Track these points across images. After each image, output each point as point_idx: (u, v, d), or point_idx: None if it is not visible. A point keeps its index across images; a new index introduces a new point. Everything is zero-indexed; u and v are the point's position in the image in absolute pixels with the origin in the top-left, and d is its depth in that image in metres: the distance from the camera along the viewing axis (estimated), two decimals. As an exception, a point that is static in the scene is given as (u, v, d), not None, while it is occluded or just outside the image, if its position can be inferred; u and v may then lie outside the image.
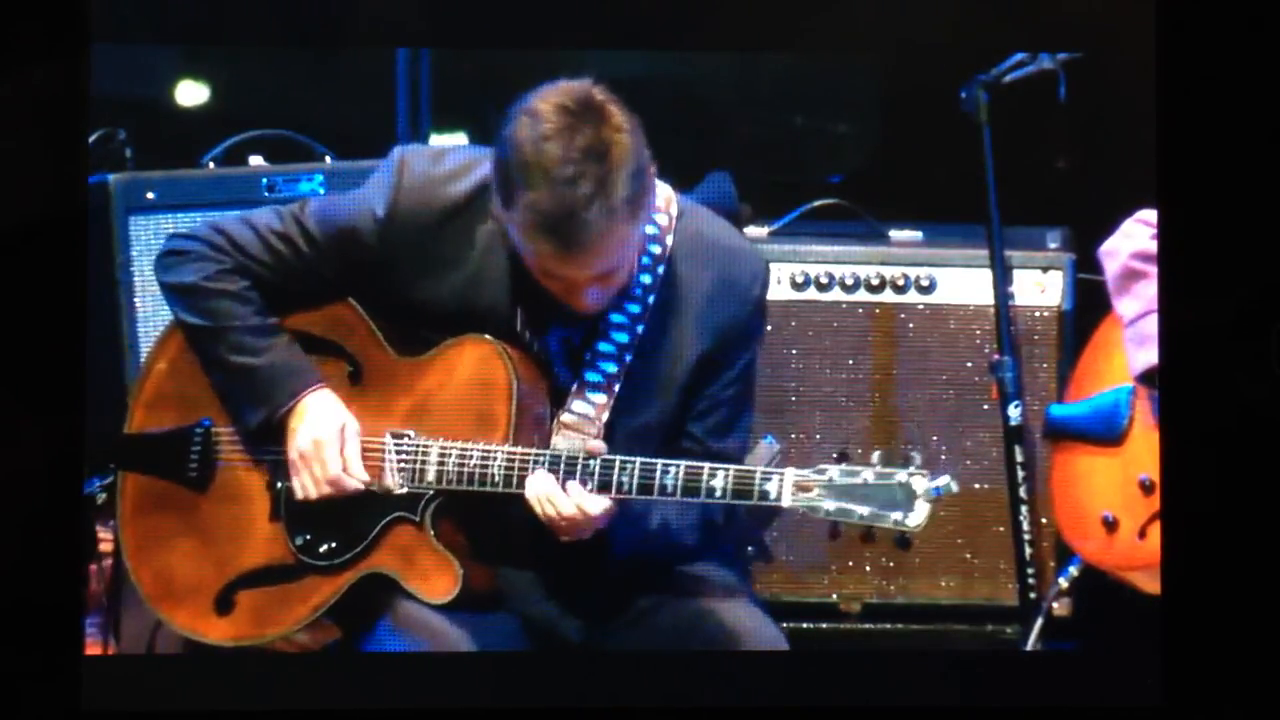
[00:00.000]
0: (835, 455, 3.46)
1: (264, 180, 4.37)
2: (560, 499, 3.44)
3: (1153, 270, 3.99)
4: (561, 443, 3.51)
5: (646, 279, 3.52)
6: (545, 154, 3.31)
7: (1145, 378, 4.01)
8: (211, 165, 4.44)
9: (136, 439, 3.65)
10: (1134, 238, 4.08)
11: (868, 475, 3.40)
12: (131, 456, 3.65)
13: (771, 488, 3.42)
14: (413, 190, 3.51)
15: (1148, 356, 3.97)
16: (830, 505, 3.41)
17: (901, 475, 3.40)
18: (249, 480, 3.60)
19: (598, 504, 3.44)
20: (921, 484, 3.39)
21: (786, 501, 3.41)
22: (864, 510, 3.40)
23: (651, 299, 3.53)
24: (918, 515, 3.39)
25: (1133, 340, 4.05)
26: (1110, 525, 4.10)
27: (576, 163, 3.31)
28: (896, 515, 3.39)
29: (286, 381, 3.54)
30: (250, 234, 3.56)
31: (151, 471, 3.63)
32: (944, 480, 3.40)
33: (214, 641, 3.60)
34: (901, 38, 3.98)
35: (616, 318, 3.53)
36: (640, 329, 3.53)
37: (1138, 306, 4.04)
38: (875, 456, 3.43)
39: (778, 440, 4.02)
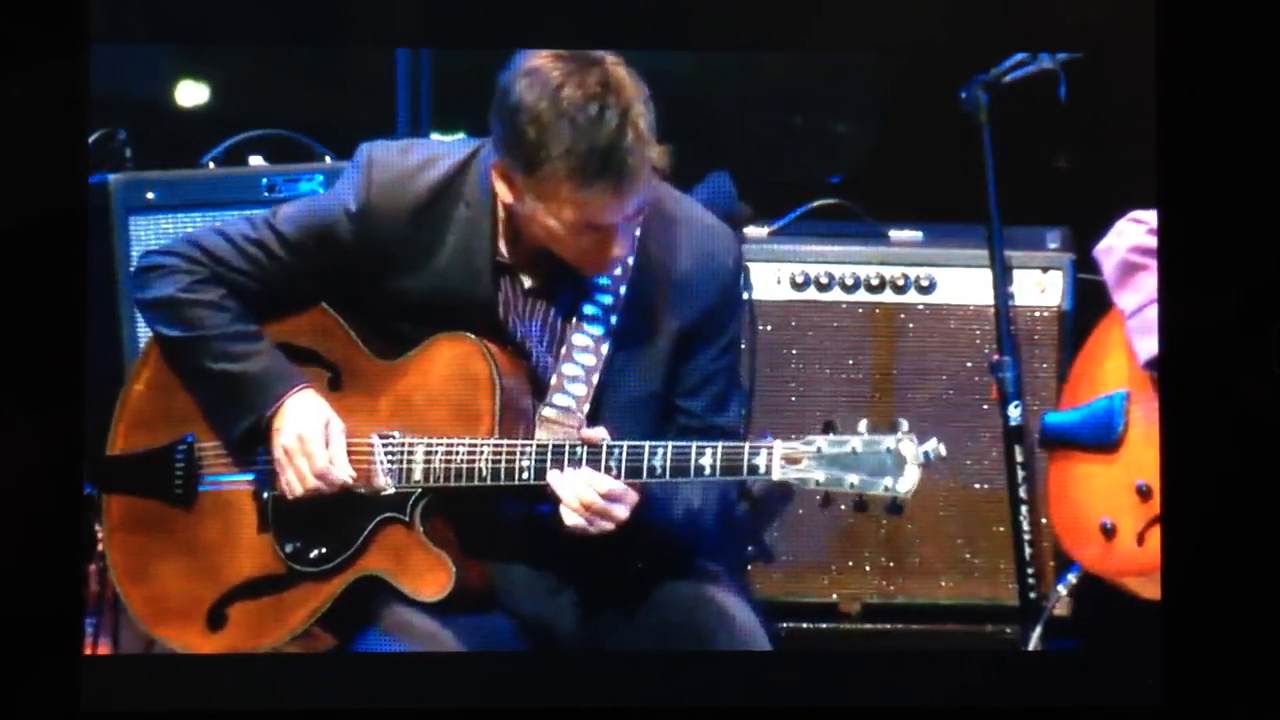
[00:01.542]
0: (822, 426, 3.45)
1: (264, 180, 4.37)
2: (586, 489, 3.43)
3: (1151, 263, 4.00)
4: (545, 436, 3.51)
5: (616, 269, 3.53)
6: (565, 100, 3.34)
7: (1153, 365, 4.01)
8: (211, 165, 4.45)
9: (118, 460, 3.65)
10: (1128, 234, 4.09)
11: (855, 444, 3.41)
12: (115, 478, 3.65)
13: (760, 461, 3.42)
14: (384, 184, 3.52)
15: (1152, 345, 3.97)
16: (820, 475, 3.41)
17: (889, 441, 3.41)
18: (234, 493, 3.60)
19: (611, 484, 3.42)
20: (910, 449, 3.40)
21: (776, 474, 3.42)
22: (854, 478, 3.40)
23: (623, 288, 3.53)
24: (908, 480, 3.40)
25: (1137, 330, 4.05)
26: (1108, 532, 4.10)
27: (599, 98, 3.34)
28: (887, 481, 3.40)
29: (271, 385, 3.54)
30: (224, 243, 3.56)
31: (136, 492, 3.63)
32: (932, 444, 3.41)
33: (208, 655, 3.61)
34: (901, 38, 3.98)
35: (589, 309, 3.53)
36: (614, 319, 3.53)
37: (1139, 298, 4.04)
38: (862, 425, 3.43)
39: (776, 439, 4.01)
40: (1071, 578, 4.33)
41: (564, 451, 3.45)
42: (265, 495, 3.58)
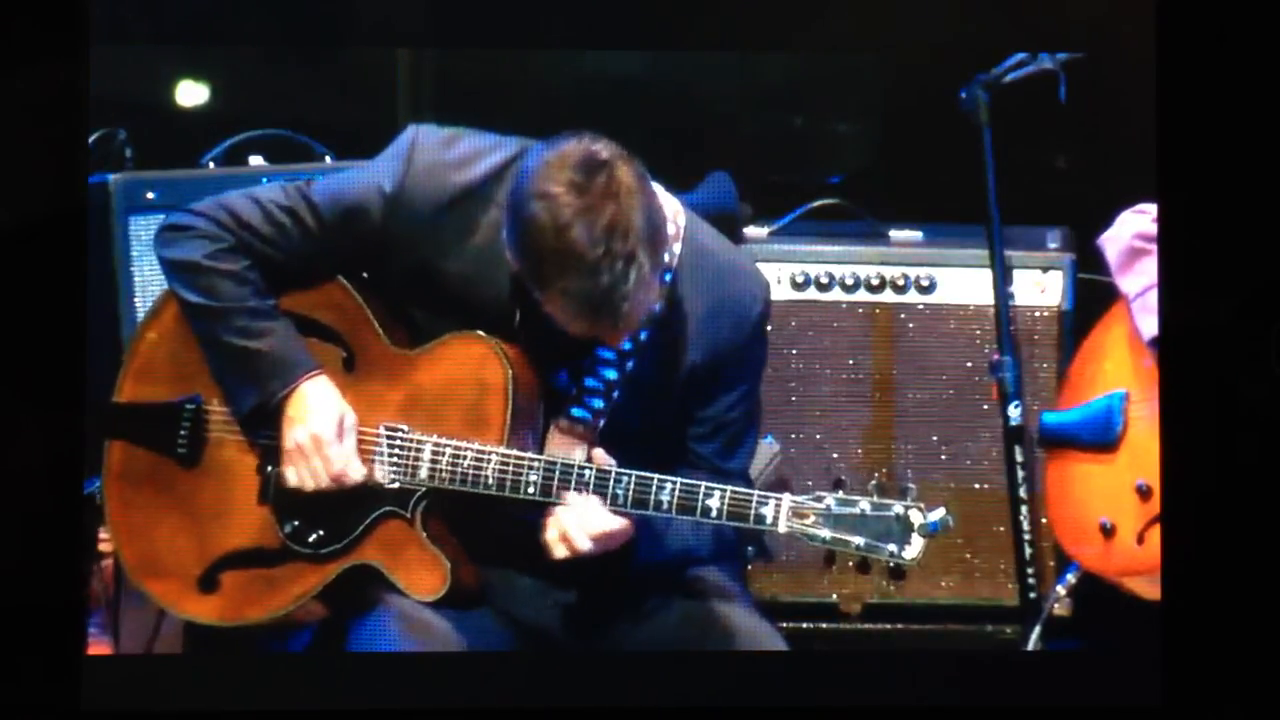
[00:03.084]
0: (832, 483, 3.44)
1: (264, 180, 4.37)
2: (581, 532, 3.43)
3: (1154, 248, 4.00)
4: (557, 449, 3.51)
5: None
6: (571, 242, 3.30)
7: (1156, 343, 4.01)
8: (211, 165, 4.45)
9: (125, 408, 3.62)
10: (1131, 222, 4.09)
11: (864, 505, 3.40)
12: (119, 426, 3.63)
13: (768, 512, 3.41)
14: (422, 172, 3.50)
15: (1156, 324, 3.98)
16: (826, 534, 3.40)
17: (899, 508, 3.39)
18: (239, 460, 3.59)
19: (614, 523, 3.43)
20: (918, 518, 3.39)
21: (783, 527, 3.41)
22: (859, 540, 3.39)
23: (656, 306, 3.52)
24: (914, 549, 3.39)
25: (1141, 310, 4.06)
26: (1108, 531, 4.10)
27: (604, 242, 3.30)
28: (892, 547, 3.39)
29: (284, 368, 3.53)
30: (255, 209, 3.55)
31: (139, 442, 3.62)
32: (940, 515, 3.40)
33: (194, 618, 3.60)
34: (901, 38, 3.98)
35: None
36: (643, 336, 3.52)
37: (1143, 281, 4.05)
38: (871, 486, 3.42)
39: (778, 440, 4.02)
40: (1070, 577, 4.33)
41: (572, 472, 3.44)
42: (270, 469, 3.58)
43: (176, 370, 3.61)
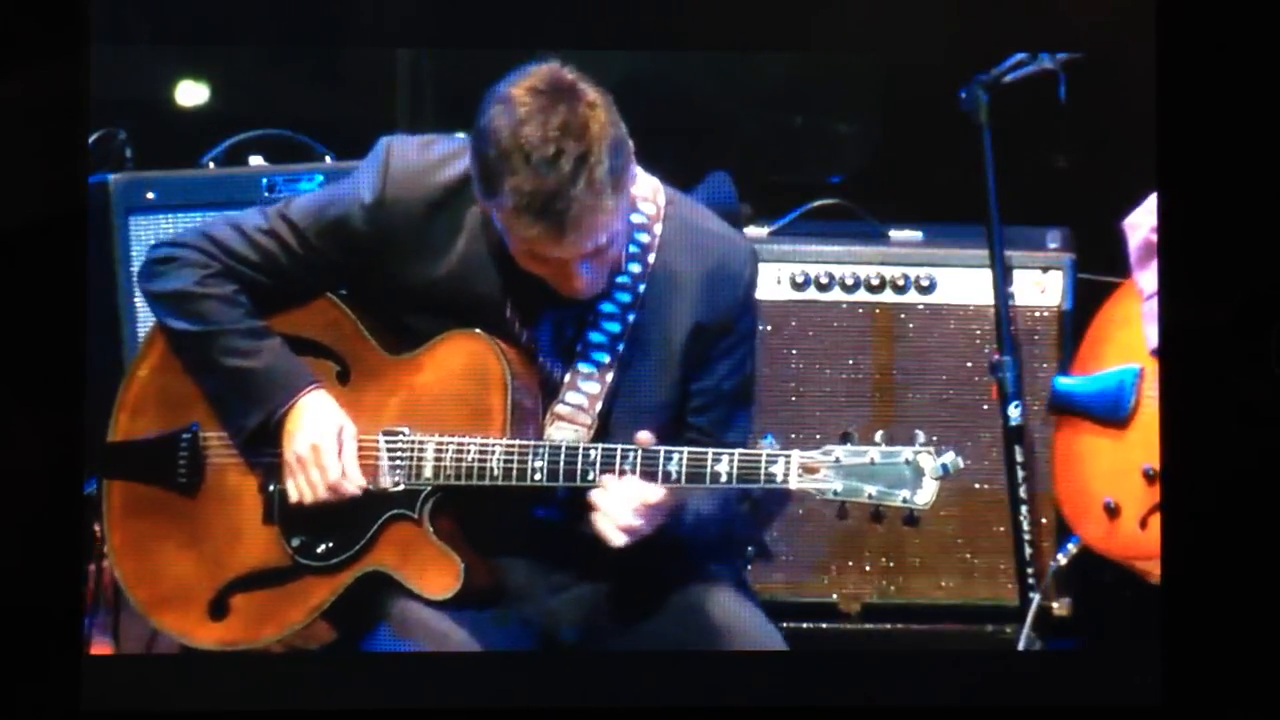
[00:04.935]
0: (839, 436, 3.43)
1: (264, 180, 4.37)
2: (629, 511, 3.43)
3: None
4: (556, 434, 3.51)
5: (636, 267, 3.53)
6: (523, 137, 3.33)
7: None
8: (211, 165, 4.45)
9: (122, 446, 3.64)
10: (1155, 212, 4.08)
11: (874, 454, 3.40)
12: (118, 464, 3.64)
13: (778, 470, 3.41)
14: (400, 177, 3.52)
15: None
16: (838, 485, 3.40)
17: (908, 453, 3.39)
18: (241, 483, 3.60)
19: (655, 493, 3.42)
20: (929, 462, 3.39)
21: (794, 484, 3.41)
22: (872, 489, 3.39)
23: (642, 287, 3.53)
24: (926, 493, 3.39)
25: (1150, 316, 4.05)
26: (1112, 511, 4.10)
27: (556, 141, 3.32)
28: (905, 493, 3.39)
29: (282, 383, 3.54)
30: (237, 236, 3.56)
31: (139, 478, 3.62)
32: (950, 458, 3.39)
33: (208, 646, 3.60)
34: (901, 38, 3.98)
35: (607, 307, 3.54)
36: (632, 317, 3.53)
37: (1157, 281, 4.04)
38: (879, 436, 3.42)
39: (778, 440, 4.01)
40: (1072, 547, 4.33)
41: (577, 454, 3.45)
42: (272, 488, 3.58)
43: (171, 402, 3.62)
